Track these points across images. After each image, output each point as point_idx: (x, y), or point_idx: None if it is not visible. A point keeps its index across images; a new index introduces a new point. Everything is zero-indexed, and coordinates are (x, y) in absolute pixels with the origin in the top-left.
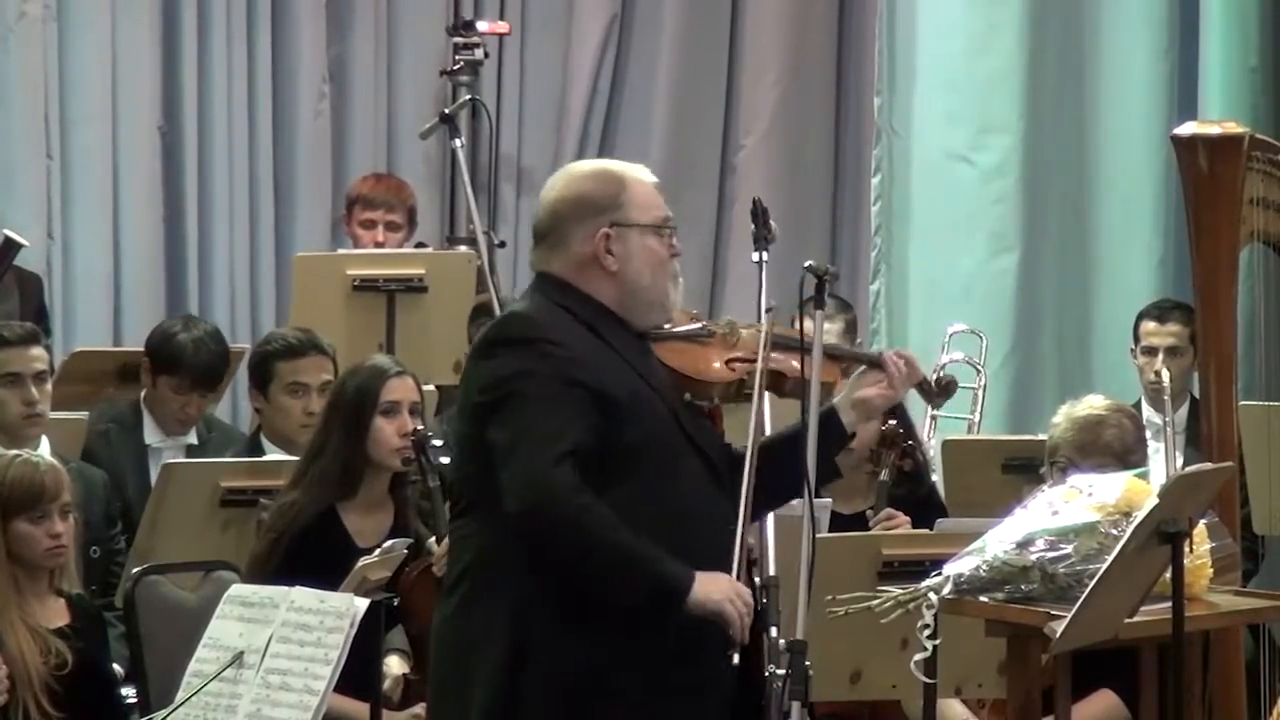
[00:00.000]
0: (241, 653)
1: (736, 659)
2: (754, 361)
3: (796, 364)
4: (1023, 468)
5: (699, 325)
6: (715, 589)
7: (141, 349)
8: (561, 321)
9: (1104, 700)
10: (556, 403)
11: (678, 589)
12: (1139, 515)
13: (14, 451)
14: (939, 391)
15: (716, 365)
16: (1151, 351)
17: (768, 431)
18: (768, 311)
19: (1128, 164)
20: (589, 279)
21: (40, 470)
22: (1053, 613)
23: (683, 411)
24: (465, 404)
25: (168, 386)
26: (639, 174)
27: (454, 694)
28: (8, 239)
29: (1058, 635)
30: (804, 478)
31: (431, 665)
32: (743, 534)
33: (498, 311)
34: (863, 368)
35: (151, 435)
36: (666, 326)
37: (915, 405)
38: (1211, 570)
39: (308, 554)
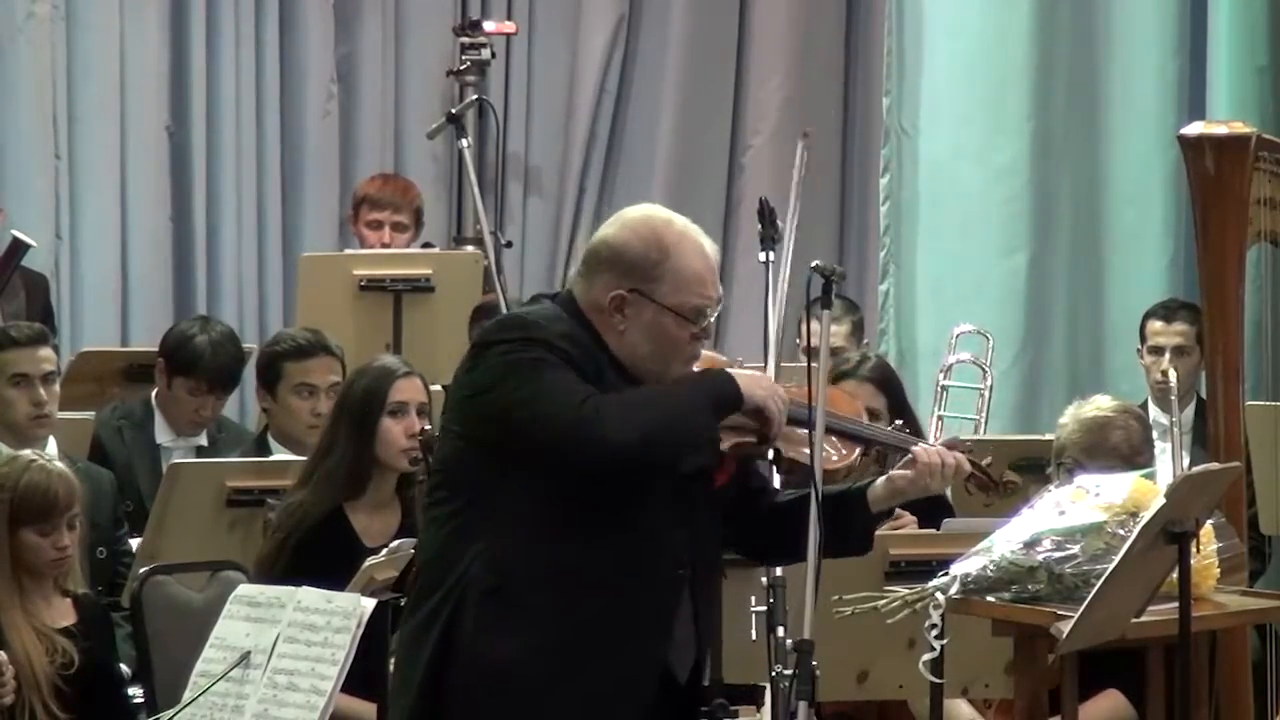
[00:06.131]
0: (248, 653)
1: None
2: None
3: (804, 449)
4: (1030, 468)
5: None
6: (759, 387)
7: (149, 349)
8: (568, 328)
9: (1110, 700)
10: (563, 370)
11: (733, 392)
12: (1146, 515)
13: (28, 453)
14: (994, 486)
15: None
16: (1158, 351)
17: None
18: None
19: (1137, 164)
20: (599, 323)
21: (53, 479)
22: (1059, 613)
23: None
24: (453, 403)
25: (183, 388)
26: (694, 249)
27: (397, 696)
28: (15, 239)
29: (1064, 635)
30: (812, 478)
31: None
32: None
33: (504, 311)
34: (907, 456)
35: (162, 435)
36: None
37: (920, 408)
38: (1218, 570)
39: (315, 554)
